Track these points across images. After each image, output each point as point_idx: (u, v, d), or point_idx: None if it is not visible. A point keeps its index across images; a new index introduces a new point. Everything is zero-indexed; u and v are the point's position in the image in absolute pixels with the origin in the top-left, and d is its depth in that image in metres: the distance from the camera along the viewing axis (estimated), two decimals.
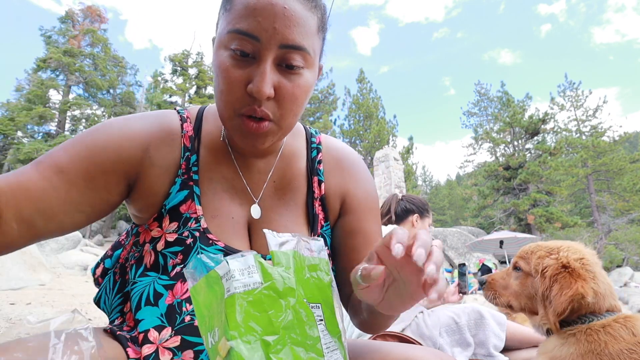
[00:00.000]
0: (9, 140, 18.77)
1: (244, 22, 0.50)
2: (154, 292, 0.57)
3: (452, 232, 14.46)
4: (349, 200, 0.70)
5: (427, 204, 2.01)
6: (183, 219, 0.59)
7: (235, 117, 0.55)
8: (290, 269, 0.47)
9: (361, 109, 27.35)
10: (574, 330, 0.90)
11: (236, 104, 0.54)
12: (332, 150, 0.73)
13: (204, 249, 0.57)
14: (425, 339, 1.54)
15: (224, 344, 0.40)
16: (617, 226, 21.44)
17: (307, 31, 0.53)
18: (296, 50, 0.52)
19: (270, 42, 0.51)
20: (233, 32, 0.51)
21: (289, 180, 0.67)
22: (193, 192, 0.60)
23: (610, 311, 0.92)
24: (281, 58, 0.52)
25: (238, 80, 0.52)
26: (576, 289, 0.88)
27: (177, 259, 0.58)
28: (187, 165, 0.61)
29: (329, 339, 0.47)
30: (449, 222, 39.50)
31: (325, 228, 0.68)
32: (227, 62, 0.53)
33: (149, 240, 0.60)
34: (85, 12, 22.83)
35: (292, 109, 0.56)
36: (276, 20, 0.50)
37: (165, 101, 22.93)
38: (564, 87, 28.46)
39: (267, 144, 0.58)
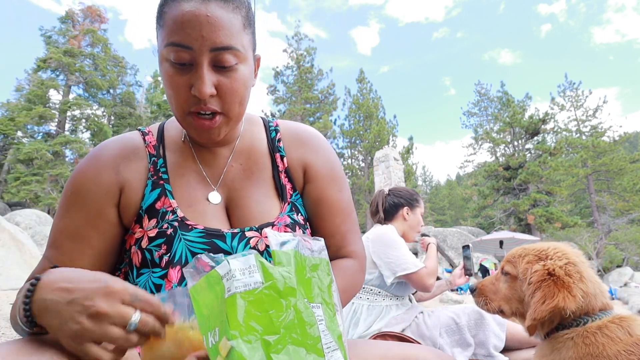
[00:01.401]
0: (9, 140, 18.77)
1: (176, 36, 0.57)
2: (153, 285, 0.62)
3: (452, 232, 14.46)
4: (309, 170, 0.76)
5: (415, 194, 1.96)
6: (160, 214, 0.65)
7: (186, 115, 0.62)
8: (291, 269, 0.47)
9: (361, 109, 27.35)
10: (571, 334, 0.89)
11: (184, 105, 0.61)
12: (289, 128, 0.80)
13: (185, 234, 0.63)
14: (425, 340, 1.55)
15: (224, 343, 0.40)
16: (617, 226, 21.43)
17: (232, 31, 0.58)
18: (226, 50, 0.58)
19: (202, 48, 0.57)
20: (169, 46, 0.58)
21: (254, 161, 0.74)
22: (165, 189, 0.67)
23: (603, 310, 0.91)
24: (215, 60, 0.59)
25: (182, 86, 0.59)
26: (557, 301, 0.88)
27: (162, 250, 0.62)
28: (155, 168, 0.69)
29: (329, 339, 0.47)
30: (449, 222, 39.50)
31: (294, 197, 0.74)
32: (170, 72, 0.59)
33: (134, 243, 0.65)
34: (85, 12, 22.82)
35: (236, 100, 0.62)
36: (202, 28, 0.56)
37: (165, 101, 22.92)
38: (564, 87, 28.47)
39: (222, 134, 0.65)
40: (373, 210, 1.97)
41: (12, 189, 17.38)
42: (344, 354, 0.48)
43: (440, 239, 13.94)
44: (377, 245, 1.71)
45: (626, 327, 0.85)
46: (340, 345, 0.48)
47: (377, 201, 1.95)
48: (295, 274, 0.48)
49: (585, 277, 0.92)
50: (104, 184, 0.65)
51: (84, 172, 0.67)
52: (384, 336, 1.55)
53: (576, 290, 0.90)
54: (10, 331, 2.46)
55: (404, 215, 1.88)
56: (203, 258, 0.48)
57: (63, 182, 17.35)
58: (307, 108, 26.20)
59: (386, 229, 1.76)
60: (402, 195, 1.92)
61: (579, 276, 0.92)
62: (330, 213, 0.75)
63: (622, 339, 0.83)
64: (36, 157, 16.89)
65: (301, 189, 0.76)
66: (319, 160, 0.77)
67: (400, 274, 1.62)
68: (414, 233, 1.90)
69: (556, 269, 0.92)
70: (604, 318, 0.89)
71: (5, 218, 10.36)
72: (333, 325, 0.49)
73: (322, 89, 27.17)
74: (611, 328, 0.86)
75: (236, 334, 0.40)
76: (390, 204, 1.91)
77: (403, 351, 0.65)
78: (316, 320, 0.47)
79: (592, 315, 0.90)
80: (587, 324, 0.90)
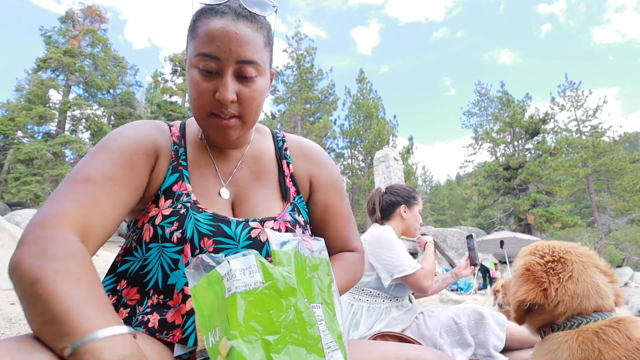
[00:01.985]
0: (9, 140, 18.75)
1: (206, 47, 0.65)
2: (171, 260, 0.66)
3: (452, 232, 14.46)
4: (315, 180, 0.86)
5: (412, 191, 1.92)
6: (176, 196, 0.70)
7: (206, 116, 0.70)
8: (291, 269, 0.47)
9: (361, 109, 27.34)
10: (565, 337, 0.89)
11: (207, 107, 0.69)
12: (295, 142, 0.90)
13: (196, 214, 0.68)
14: (425, 340, 1.54)
15: (225, 343, 0.40)
16: (617, 226, 21.43)
17: (256, 48, 0.68)
18: (249, 64, 0.67)
19: (229, 60, 0.65)
20: (199, 55, 0.66)
21: (261, 165, 0.82)
22: (183, 174, 0.73)
23: (598, 311, 0.90)
24: (238, 71, 0.67)
25: (207, 91, 0.67)
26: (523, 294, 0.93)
27: (173, 227, 0.67)
28: (176, 155, 0.75)
29: (329, 339, 0.47)
30: (449, 222, 39.48)
31: (297, 199, 0.82)
32: (198, 78, 0.67)
33: (147, 221, 0.69)
34: (85, 12, 22.80)
35: (252, 108, 0.71)
36: (231, 43, 0.65)
37: (165, 101, 22.90)
38: (564, 87, 28.46)
39: (235, 135, 0.73)
40: (370, 209, 1.94)
41: (12, 189, 17.37)
42: (344, 354, 0.48)
43: (440, 239, 13.94)
44: (373, 247, 1.69)
45: (624, 330, 0.83)
46: (340, 345, 0.48)
47: (374, 200, 1.92)
48: (296, 274, 0.48)
49: (575, 277, 0.92)
50: (145, 146, 0.70)
51: (126, 132, 0.70)
52: (384, 336, 1.55)
53: (548, 286, 0.92)
54: (10, 331, 2.46)
55: (402, 213, 1.85)
56: (204, 258, 0.48)
57: None
58: (307, 108, 26.19)
59: (383, 230, 1.74)
60: (399, 193, 1.88)
61: (568, 275, 0.92)
62: (335, 218, 0.85)
63: (620, 343, 0.81)
64: (36, 157, 16.87)
65: (307, 197, 0.85)
66: (323, 172, 0.87)
67: (397, 276, 1.61)
68: (413, 231, 1.88)
69: (533, 264, 0.96)
70: (600, 321, 0.88)
71: (5, 218, 10.35)
72: (333, 326, 0.49)
73: (322, 89, 27.16)
74: (608, 332, 0.83)
75: (236, 334, 0.40)
76: (387, 203, 1.88)
77: (403, 352, 0.65)
78: (316, 320, 0.47)
79: (587, 317, 0.89)
80: (581, 325, 0.89)
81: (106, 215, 0.60)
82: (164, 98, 23.47)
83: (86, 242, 0.56)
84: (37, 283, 0.44)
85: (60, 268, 0.46)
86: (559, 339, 0.89)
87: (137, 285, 0.67)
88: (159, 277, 0.66)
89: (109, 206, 0.61)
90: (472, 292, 9.31)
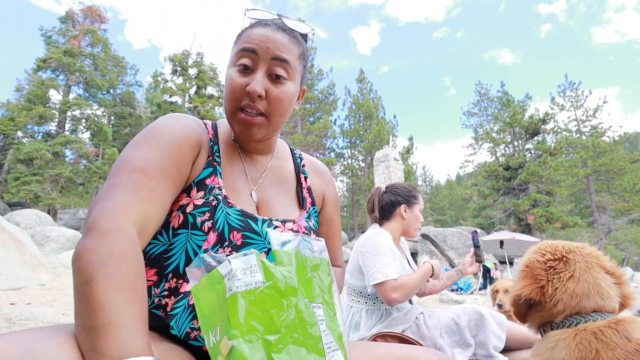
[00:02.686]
0: (9, 140, 18.74)
1: (247, 44, 0.73)
2: (197, 246, 0.68)
3: (452, 232, 14.46)
4: (326, 196, 0.96)
5: (413, 190, 1.87)
6: (208, 189, 0.73)
7: (235, 111, 0.74)
8: (292, 268, 0.47)
9: (361, 109, 27.35)
10: (562, 335, 0.89)
11: (237, 101, 0.73)
12: (310, 160, 0.99)
13: (226, 208, 0.71)
14: (425, 340, 1.54)
15: (225, 343, 0.40)
16: (617, 226, 21.44)
17: (290, 53, 0.75)
18: (282, 62, 0.73)
19: (265, 55, 0.72)
20: (240, 51, 0.74)
21: (284, 176, 0.89)
22: (216, 169, 0.76)
23: (597, 311, 0.90)
24: (271, 70, 0.73)
25: (240, 86, 0.72)
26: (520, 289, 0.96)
27: (205, 217, 0.69)
28: (211, 151, 0.78)
29: (330, 339, 0.47)
30: (449, 222, 39.49)
31: (312, 209, 0.89)
32: (234, 74, 0.74)
33: (176, 208, 0.70)
34: (85, 12, 22.79)
35: (279, 109, 0.75)
36: (268, 42, 0.73)
37: (165, 101, 22.91)
38: (564, 87, 28.48)
39: (259, 134, 0.76)
40: (370, 209, 1.90)
41: (12, 189, 17.36)
42: (345, 354, 0.48)
43: (440, 239, 13.94)
44: (363, 251, 1.66)
45: (622, 330, 0.82)
46: (340, 345, 0.48)
47: (374, 199, 1.89)
48: (297, 274, 0.48)
49: (577, 276, 0.93)
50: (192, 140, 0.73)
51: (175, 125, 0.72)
52: (385, 337, 1.55)
53: (546, 284, 0.94)
54: (9, 331, 2.46)
55: (402, 213, 1.81)
56: (205, 257, 0.48)
57: (63, 182, 17.36)
58: (307, 108, 26.18)
59: (375, 235, 1.69)
60: (399, 193, 1.85)
61: (569, 275, 0.93)
62: (335, 234, 0.96)
63: (619, 344, 0.80)
64: (36, 157, 16.87)
65: (319, 209, 0.94)
66: (330, 190, 0.98)
67: (371, 283, 1.57)
68: (413, 230, 1.84)
69: (533, 262, 0.99)
70: (599, 321, 0.88)
71: (5, 218, 10.35)
72: (333, 326, 0.49)
73: (322, 89, 27.16)
74: (606, 333, 0.83)
75: (237, 334, 0.40)
76: (387, 203, 1.84)
77: (404, 352, 0.65)
78: (317, 320, 0.47)
79: (585, 316, 0.90)
80: (579, 324, 0.89)
81: (160, 208, 0.61)
82: (164, 98, 23.46)
83: (142, 236, 0.57)
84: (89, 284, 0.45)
85: (115, 272, 0.47)
86: (556, 337, 0.90)
87: (156, 267, 0.69)
88: (181, 261, 0.68)
89: (163, 198, 0.62)
90: (475, 291, 9.31)
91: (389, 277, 1.54)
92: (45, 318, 2.84)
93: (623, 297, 0.95)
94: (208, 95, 24.12)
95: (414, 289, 1.57)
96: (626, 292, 0.96)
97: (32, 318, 2.78)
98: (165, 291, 0.66)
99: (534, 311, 1.00)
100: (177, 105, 22.76)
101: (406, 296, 1.55)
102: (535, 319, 1.00)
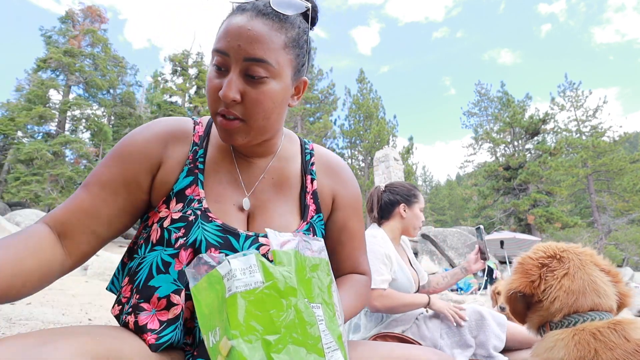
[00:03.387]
0: (9, 140, 18.74)
1: (219, 43, 0.64)
2: (162, 261, 0.65)
3: (452, 232, 14.46)
4: (338, 199, 0.83)
5: (413, 189, 1.84)
6: (187, 200, 0.69)
7: (215, 115, 0.68)
8: (291, 268, 0.47)
9: (361, 109, 27.35)
10: (561, 335, 0.89)
11: (214, 105, 0.67)
12: (323, 156, 0.87)
13: (204, 224, 0.66)
14: (426, 341, 1.54)
15: (225, 343, 0.40)
16: (617, 226, 21.44)
17: (270, 47, 0.64)
18: (257, 62, 0.63)
19: (236, 56, 0.63)
20: (214, 51, 0.66)
21: (286, 178, 0.80)
22: (197, 178, 0.71)
23: (595, 310, 0.90)
24: (246, 69, 0.64)
25: (215, 88, 0.65)
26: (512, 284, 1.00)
27: (179, 233, 0.65)
28: (193, 157, 0.73)
29: (329, 339, 0.47)
30: (449, 222, 39.49)
31: (316, 219, 0.79)
32: (211, 75, 0.67)
33: (156, 221, 0.68)
34: (85, 12, 22.79)
35: (259, 112, 0.66)
36: (240, 39, 0.62)
37: (165, 101, 22.91)
38: (564, 87, 28.47)
39: (240, 140, 0.69)
40: (369, 208, 1.89)
41: (12, 189, 17.37)
42: (344, 354, 0.48)
43: (440, 239, 13.94)
44: None
45: (621, 330, 0.82)
46: (340, 345, 0.48)
47: (373, 198, 1.87)
48: (296, 274, 0.48)
49: (572, 274, 0.93)
50: (149, 151, 0.70)
51: (135, 137, 0.71)
52: (385, 337, 1.55)
53: (537, 279, 0.96)
54: (10, 331, 2.46)
55: (401, 212, 1.79)
56: (205, 257, 0.48)
57: (63, 182, 17.35)
58: (307, 108, 26.18)
59: (370, 238, 1.66)
60: (398, 192, 1.82)
61: (563, 272, 0.94)
62: (350, 240, 0.84)
63: (617, 343, 0.80)
64: (36, 157, 16.87)
65: (327, 215, 0.83)
66: (347, 192, 0.85)
67: None
68: (413, 230, 1.81)
69: (526, 259, 1.02)
70: (597, 320, 0.87)
71: (5, 218, 10.34)
72: (333, 326, 0.49)
73: (322, 89, 27.16)
74: (605, 333, 0.83)
75: (237, 334, 0.40)
76: (386, 202, 1.82)
77: (405, 352, 0.65)
78: (316, 320, 0.46)
79: (583, 315, 0.89)
80: (577, 324, 0.89)
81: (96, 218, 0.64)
82: (164, 98, 23.47)
83: (65, 239, 0.62)
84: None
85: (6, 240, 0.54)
86: (555, 337, 0.90)
87: (131, 284, 0.67)
88: (143, 277, 0.65)
89: (96, 207, 0.65)
90: (476, 291, 9.31)
91: (377, 286, 1.53)
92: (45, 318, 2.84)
93: (621, 296, 0.95)
94: None
95: (399, 307, 1.56)
96: (624, 290, 0.96)
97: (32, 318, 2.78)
98: (130, 308, 0.63)
99: (533, 311, 1.00)
100: (177, 105, 22.77)
101: (388, 309, 1.55)
102: (534, 320, 1.00)
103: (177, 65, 24.06)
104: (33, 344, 0.41)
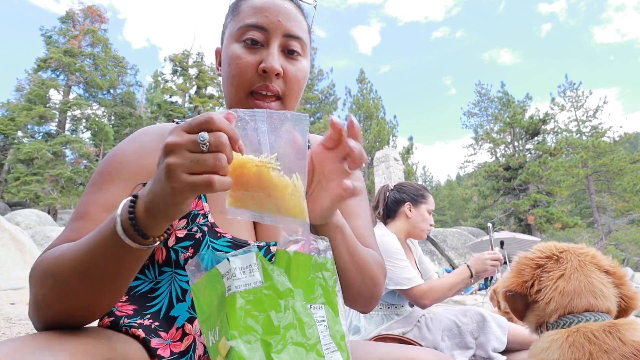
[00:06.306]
0: (9, 140, 18.76)
1: (253, 18, 0.62)
2: (180, 289, 0.61)
3: (452, 233, 14.46)
4: None
5: (421, 189, 1.81)
6: (191, 216, 0.63)
7: (245, 97, 0.64)
8: (282, 271, 0.47)
9: (361, 109, 27.36)
10: (556, 335, 0.88)
11: (248, 84, 0.63)
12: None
13: (213, 241, 0.62)
14: (427, 342, 1.54)
15: (224, 343, 0.40)
16: (617, 227, 21.44)
17: (301, 27, 0.66)
18: (296, 39, 0.64)
19: (277, 31, 0.62)
20: (245, 27, 0.63)
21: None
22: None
23: (589, 311, 0.89)
24: (285, 45, 0.64)
25: (250, 64, 0.62)
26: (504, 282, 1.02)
27: (188, 253, 0.61)
28: None
29: (329, 340, 0.47)
30: (449, 222, 39.49)
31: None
32: (239, 51, 0.63)
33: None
34: (85, 12, 22.81)
35: (295, 90, 0.66)
36: (279, 15, 0.62)
37: (165, 101, 22.93)
38: (564, 87, 28.47)
39: None
40: (374, 206, 1.87)
41: (12, 189, 17.38)
42: (346, 355, 0.48)
43: (440, 239, 13.94)
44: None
45: (616, 332, 0.81)
46: (343, 345, 0.48)
47: (379, 197, 1.85)
48: (293, 275, 0.47)
49: (568, 275, 0.93)
50: (146, 164, 0.64)
51: (124, 150, 0.65)
52: (385, 339, 1.54)
53: (530, 279, 0.97)
54: (10, 331, 2.45)
55: (406, 212, 1.75)
56: (204, 255, 0.48)
57: (63, 182, 17.37)
58: (307, 108, 26.20)
59: (382, 237, 1.63)
60: (405, 191, 1.79)
61: (559, 273, 0.93)
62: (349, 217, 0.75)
63: (613, 346, 0.79)
64: (36, 157, 16.88)
65: None
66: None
67: (392, 288, 1.55)
68: (420, 231, 1.76)
69: (521, 259, 1.03)
70: (592, 321, 0.87)
71: (6, 218, 10.35)
72: (336, 326, 0.49)
73: (323, 89, 27.18)
74: (599, 335, 0.82)
75: (236, 334, 0.40)
76: (392, 200, 1.80)
77: (404, 353, 0.65)
78: (316, 321, 0.46)
79: (578, 316, 0.89)
80: (572, 325, 0.88)
81: None
82: (164, 98, 23.49)
83: None
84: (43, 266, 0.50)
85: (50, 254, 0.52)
86: (550, 338, 0.89)
87: (136, 305, 0.62)
88: (164, 305, 0.61)
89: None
90: (471, 293, 9.30)
91: (415, 283, 1.53)
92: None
93: (626, 298, 0.94)
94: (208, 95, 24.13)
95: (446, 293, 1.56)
96: (629, 292, 0.94)
97: None
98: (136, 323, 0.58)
99: (530, 311, 1.00)
100: (177, 105, 22.78)
101: (438, 300, 1.56)
102: (532, 319, 1.01)
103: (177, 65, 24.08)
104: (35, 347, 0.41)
